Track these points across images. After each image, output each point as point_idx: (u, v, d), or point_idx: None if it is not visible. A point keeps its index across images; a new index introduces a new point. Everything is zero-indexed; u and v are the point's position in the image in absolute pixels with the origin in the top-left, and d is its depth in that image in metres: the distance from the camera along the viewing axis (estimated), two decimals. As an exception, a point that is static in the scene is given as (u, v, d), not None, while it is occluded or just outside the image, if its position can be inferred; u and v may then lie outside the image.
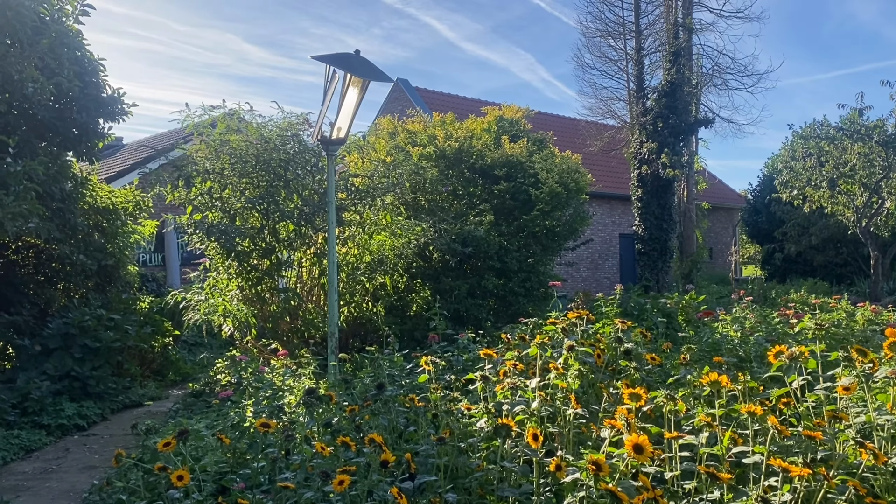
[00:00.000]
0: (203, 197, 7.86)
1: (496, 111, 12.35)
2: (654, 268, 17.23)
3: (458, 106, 19.92)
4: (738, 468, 3.00)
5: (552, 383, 3.48)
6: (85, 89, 7.96)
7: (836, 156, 17.11)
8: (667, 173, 16.71)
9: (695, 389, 3.70)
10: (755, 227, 25.87)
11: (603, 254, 23.39)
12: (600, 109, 19.97)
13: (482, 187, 10.80)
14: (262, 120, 8.20)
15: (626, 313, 8.35)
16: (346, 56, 6.11)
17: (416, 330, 9.12)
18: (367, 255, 8.61)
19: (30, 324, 8.36)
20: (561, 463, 2.75)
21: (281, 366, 6.00)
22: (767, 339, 5.84)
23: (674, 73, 17.00)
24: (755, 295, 12.06)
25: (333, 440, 3.29)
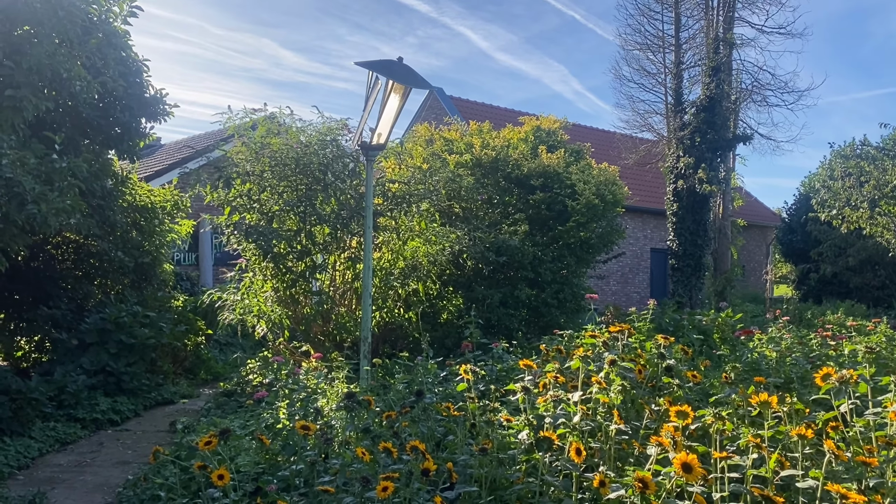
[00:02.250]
0: (242, 198, 7.93)
1: (533, 121, 12.31)
2: (688, 284, 17.02)
3: (492, 115, 19.91)
4: (784, 492, 2.92)
5: (594, 398, 3.43)
6: (129, 89, 8.09)
7: (877, 176, 16.81)
8: (703, 189, 16.53)
9: (738, 409, 3.63)
10: (790, 246, 25.46)
11: (633, 268, 23.19)
12: (637, 122, 19.86)
13: (517, 197, 10.76)
14: (301, 124, 8.26)
15: (661, 329, 8.24)
16: (388, 63, 6.13)
17: (447, 338, 9.09)
18: (401, 260, 8.61)
19: (67, 318, 8.50)
20: (605, 479, 2.71)
21: (314, 368, 6.01)
22: (807, 360, 5.72)
23: (713, 88, 16.83)
24: (790, 315, 11.84)
25: (374, 445, 3.28)
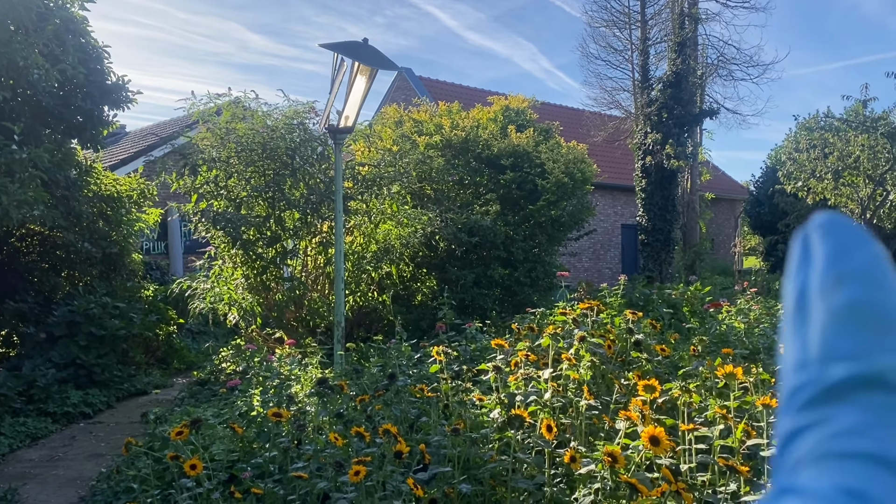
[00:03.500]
0: (208, 185, 7.84)
1: (502, 101, 12.29)
2: (658, 258, 17.20)
3: (462, 95, 19.85)
4: (752, 461, 2.99)
5: (565, 374, 3.47)
6: (89, 76, 7.92)
7: (841, 147, 17.06)
8: (671, 164, 16.65)
9: (706, 381, 3.70)
10: (758, 218, 25.82)
11: (605, 244, 23.37)
12: (605, 100, 19.89)
13: (488, 177, 10.77)
14: (267, 108, 8.16)
15: (631, 304, 8.34)
16: (354, 44, 6.07)
17: (422, 319, 9.11)
18: (373, 244, 8.59)
19: (35, 311, 8.36)
20: (575, 454, 2.75)
21: (287, 355, 5.99)
22: (774, 330, 5.83)
23: (679, 64, 16.91)
24: (759, 286, 12.04)
25: (346, 430, 3.28)
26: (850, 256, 0.35)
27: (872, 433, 0.30)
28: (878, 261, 0.35)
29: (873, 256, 0.36)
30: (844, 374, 0.32)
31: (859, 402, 0.31)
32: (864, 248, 0.36)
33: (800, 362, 0.33)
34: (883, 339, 0.32)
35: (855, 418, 0.31)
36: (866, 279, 0.34)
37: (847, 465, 0.29)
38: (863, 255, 0.36)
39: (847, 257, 0.35)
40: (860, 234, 0.37)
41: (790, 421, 0.32)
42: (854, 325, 0.32)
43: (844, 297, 0.33)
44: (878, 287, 0.34)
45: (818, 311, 0.34)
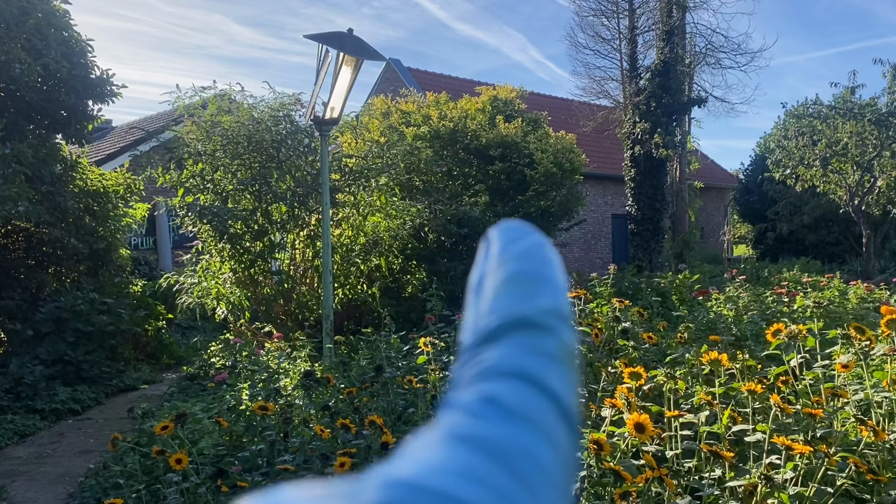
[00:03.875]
0: (195, 179, 7.79)
1: (490, 91, 12.27)
2: (647, 248, 17.24)
3: (451, 86, 19.79)
4: (738, 446, 3.00)
5: (551, 363, 3.46)
6: (73, 70, 7.85)
7: (829, 134, 17.13)
8: (660, 153, 16.67)
9: (693, 368, 3.70)
10: (747, 206, 25.91)
11: (595, 234, 23.41)
12: (593, 90, 19.86)
13: (477, 168, 10.75)
14: (253, 101, 8.11)
15: (621, 293, 8.36)
16: (338, 35, 6.03)
17: (412, 311, 9.11)
18: (362, 236, 8.56)
19: (22, 308, 8.30)
20: (561, 443, 2.75)
21: (276, 348, 5.97)
22: (762, 317, 5.85)
23: (667, 52, 16.91)
24: (748, 274, 12.09)
25: (332, 422, 3.27)
26: (515, 244, 0.43)
27: (513, 358, 0.36)
28: (537, 245, 0.43)
29: (534, 242, 0.44)
30: (497, 322, 0.38)
31: (507, 339, 0.37)
32: (527, 237, 0.44)
33: (470, 326, 0.40)
34: (534, 295, 0.40)
35: (501, 351, 0.37)
36: (525, 257, 0.42)
37: (488, 382, 0.35)
38: (525, 242, 0.44)
39: (512, 245, 0.43)
40: (526, 229, 0.45)
41: (457, 369, 0.38)
42: (511, 288, 0.40)
43: (506, 271, 0.41)
44: (534, 261, 0.42)
45: (488, 287, 0.41)
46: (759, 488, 2.34)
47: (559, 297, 0.40)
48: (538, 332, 0.37)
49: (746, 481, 2.41)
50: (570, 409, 0.35)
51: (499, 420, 0.33)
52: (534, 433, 0.33)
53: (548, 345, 0.37)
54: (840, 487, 2.47)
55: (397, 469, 0.31)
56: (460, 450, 0.31)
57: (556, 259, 0.43)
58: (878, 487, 2.52)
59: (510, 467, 0.30)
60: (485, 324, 0.39)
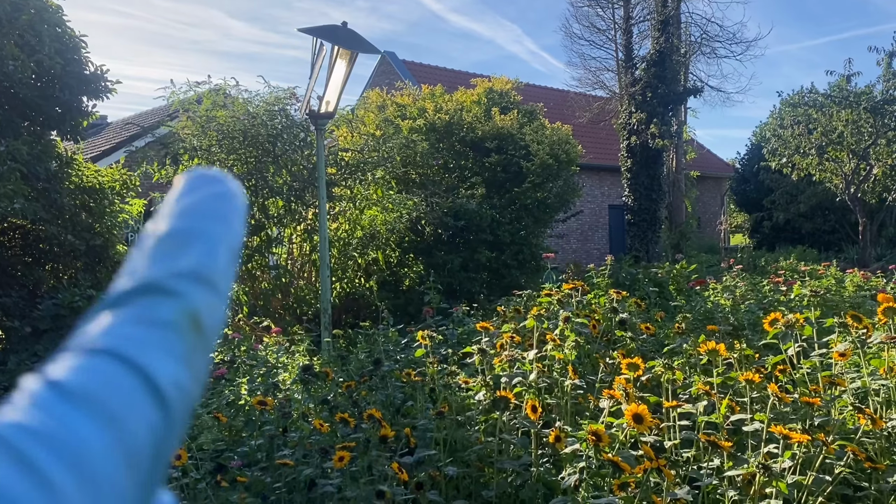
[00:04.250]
0: (191, 174, 7.77)
1: (486, 83, 12.25)
2: (644, 238, 17.26)
3: (447, 78, 19.75)
4: (736, 436, 3.01)
5: (549, 355, 3.47)
6: (67, 66, 7.81)
7: (824, 123, 17.14)
8: (656, 143, 16.68)
9: (690, 358, 3.71)
10: (743, 195, 25.94)
11: (592, 225, 23.42)
12: (589, 80, 19.87)
13: (473, 160, 10.74)
14: (248, 95, 8.09)
15: (618, 284, 8.36)
16: (333, 28, 6.01)
17: (410, 305, 9.11)
18: (359, 230, 8.56)
19: (19, 305, 8.28)
20: (560, 434, 2.76)
21: (274, 343, 5.98)
22: (759, 306, 5.87)
23: (662, 42, 16.89)
24: (745, 263, 12.11)
25: (331, 416, 3.28)
26: (188, 196, 0.38)
27: (112, 331, 0.33)
28: (211, 198, 0.39)
29: (209, 195, 0.39)
30: (124, 288, 0.35)
31: (125, 308, 0.34)
32: (203, 189, 0.39)
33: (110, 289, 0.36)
34: (177, 256, 0.35)
35: (109, 321, 0.33)
36: (188, 213, 0.38)
37: (73, 359, 0.32)
38: (199, 194, 0.39)
39: (185, 197, 0.38)
40: (211, 179, 0.40)
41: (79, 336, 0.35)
42: (157, 248, 0.36)
43: (163, 227, 0.37)
44: (195, 218, 0.37)
45: (143, 245, 0.37)
46: (758, 477, 2.35)
47: (208, 258, 0.36)
48: (159, 299, 0.34)
49: (745, 470, 2.42)
50: (162, 384, 0.31)
51: (46, 406, 0.30)
52: (86, 416, 0.29)
53: (164, 313, 0.33)
54: (838, 475, 2.48)
55: None
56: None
57: (233, 214, 0.39)
58: (875, 475, 2.54)
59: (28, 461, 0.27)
60: (116, 288, 0.35)
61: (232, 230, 0.38)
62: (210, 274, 0.36)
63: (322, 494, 2.67)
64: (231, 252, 0.38)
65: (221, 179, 0.40)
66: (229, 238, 0.38)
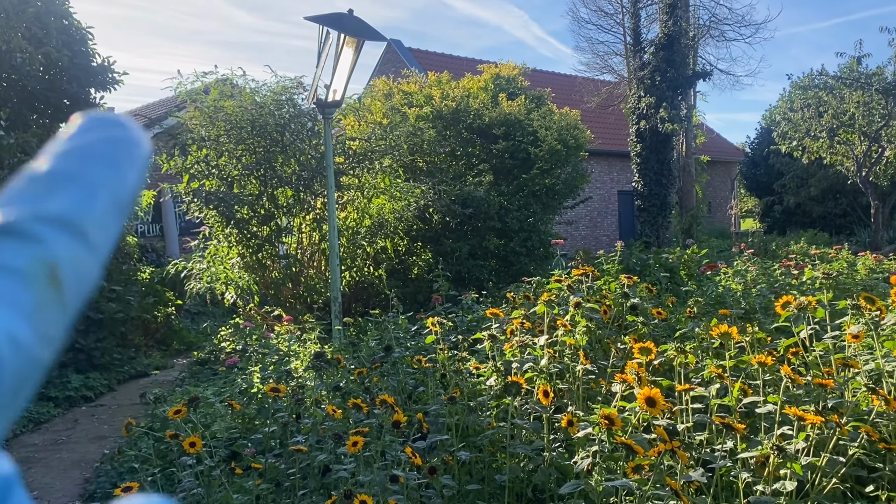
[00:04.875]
0: (199, 165, 7.79)
1: (493, 69, 12.18)
2: (654, 223, 17.19)
3: (453, 65, 19.67)
4: (749, 418, 3.00)
5: (560, 340, 3.47)
6: (74, 59, 7.83)
7: (835, 105, 16.98)
8: (665, 128, 16.57)
9: (703, 342, 3.70)
10: (754, 179, 25.78)
11: (602, 211, 23.34)
12: (597, 65, 19.73)
13: (481, 147, 10.71)
14: (255, 85, 8.08)
15: (629, 269, 8.34)
16: (339, 16, 5.98)
17: (419, 293, 9.12)
18: (367, 219, 8.56)
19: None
20: (573, 418, 2.76)
21: (286, 331, 6.00)
22: (770, 290, 5.83)
23: (671, 26, 16.75)
24: (756, 247, 12.05)
25: (344, 403, 3.29)
26: (79, 137, 0.35)
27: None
28: (99, 142, 0.36)
29: (100, 138, 0.36)
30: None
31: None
32: (96, 132, 0.36)
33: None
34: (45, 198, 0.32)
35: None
36: (71, 155, 0.35)
37: None
38: (89, 136, 0.36)
39: (76, 138, 0.35)
40: (108, 123, 0.37)
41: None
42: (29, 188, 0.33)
43: (42, 166, 0.34)
44: (76, 161, 0.34)
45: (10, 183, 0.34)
46: (772, 459, 2.35)
47: (82, 204, 0.32)
48: (13, 243, 0.31)
49: (758, 452, 2.41)
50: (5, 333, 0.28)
51: None
52: None
53: (15, 259, 0.30)
54: (852, 457, 2.47)
55: None
56: None
57: (126, 161, 0.35)
58: (890, 456, 2.53)
59: None
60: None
61: (121, 178, 0.35)
62: (81, 221, 0.33)
63: (336, 479, 2.68)
64: (115, 202, 0.34)
65: (121, 124, 0.37)
66: (115, 186, 0.34)
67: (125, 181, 0.35)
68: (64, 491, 4.69)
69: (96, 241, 0.33)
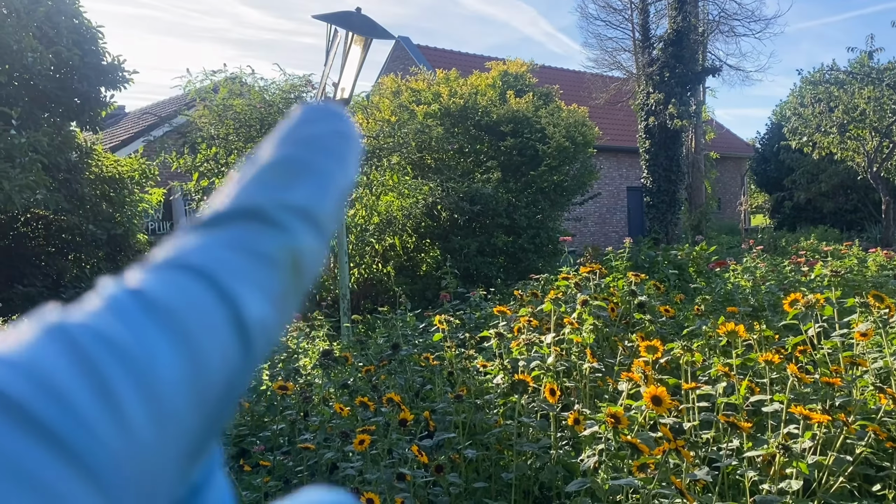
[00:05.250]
0: (209, 163, 7.83)
1: (500, 66, 12.18)
2: (664, 220, 17.14)
3: (461, 62, 19.65)
4: (756, 417, 3.00)
5: (567, 338, 3.48)
6: (84, 57, 7.88)
7: (846, 100, 16.87)
8: (674, 124, 16.51)
9: (710, 340, 3.70)
10: (764, 175, 25.65)
11: (611, 208, 23.29)
12: (606, 61, 19.67)
13: (488, 144, 10.71)
14: (264, 83, 8.12)
15: (637, 266, 8.33)
16: (347, 14, 6.00)
17: (427, 289, 9.14)
18: (375, 216, 8.58)
19: (44, 295, 8.41)
20: (579, 417, 2.77)
21: (294, 329, 6.03)
22: (780, 287, 5.82)
23: (680, 21, 16.68)
24: (765, 244, 12.00)
25: (351, 401, 3.31)
26: (305, 126, 0.36)
27: (206, 250, 0.29)
28: (331, 134, 0.36)
29: (329, 130, 0.36)
30: (226, 207, 0.31)
31: (223, 228, 0.30)
32: (323, 123, 0.36)
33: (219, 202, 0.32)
34: (287, 186, 0.32)
35: (204, 240, 0.30)
36: (304, 143, 0.35)
37: (158, 271, 0.28)
38: (318, 127, 0.36)
39: (302, 127, 0.35)
40: (332, 114, 0.37)
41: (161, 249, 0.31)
42: (267, 174, 0.33)
43: (275, 154, 0.34)
44: (311, 150, 0.34)
45: (250, 169, 0.33)
46: (778, 458, 2.35)
47: (319, 196, 0.33)
48: (261, 228, 0.30)
49: (764, 451, 2.41)
50: (250, 321, 0.28)
51: (124, 314, 0.26)
52: (165, 335, 0.26)
53: (264, 243, 0.30)
54: (859, 455, 2.47)
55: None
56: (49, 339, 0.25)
57: (350, 156, 0.36)
58: (897, 455, 2.52)
59: (95, 368, 0.24)
60: (217, 206, 0.32)
61: (346, 172, 0.35)
62: (319, 213, 0.33)
63: (343, 477, 2.70)
64: (342, 196, 0.35)
65: (344, 118, 0.37)
66: (343, 180, 0.35)
67: (349, 175, 0.35)
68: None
69: (327, 233, 0.33)
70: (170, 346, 0.26)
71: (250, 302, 0.28)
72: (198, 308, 0.27)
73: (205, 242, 0.30)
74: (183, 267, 0.28)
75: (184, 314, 0.27)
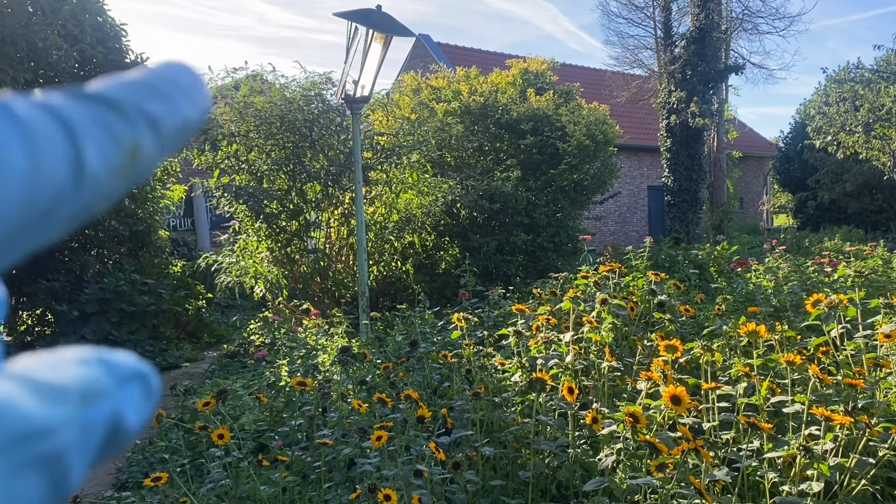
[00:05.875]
0: (230, 160, 7.88)
1: (521, 64, 12.14)
2: (685, 219, 17.01)
3: (482, 60, 19.61)
4: (776, 418, 2.97)
5: (586, 337, 3.46)
6: (108, 55, 7.96)
7: (872, 99, 16.64)
8: (696, 122, 16.37)
9: (731, 340, 3.66)
10: (787, 175, 25.36)
11: (631, 207, 23.15)
12: (627, 59, 19.55)
13: (508, 142, 10.68)
14: (284, 80, 8.15)
15: (657, 266, 8.26)
16: (367, 11, 6.01)
17: (446, 287, 9.14)
18: (395, 213, 8.60)
19: (67, 290, 8.53)
20: (597, 415, 2.75)
21: (313, 325, 6.06)
22: (802, 288, 5.75)
23: (702, 19, 16.53)
24: (788, 244, 11.86)
25: (369, 397, 3.32)
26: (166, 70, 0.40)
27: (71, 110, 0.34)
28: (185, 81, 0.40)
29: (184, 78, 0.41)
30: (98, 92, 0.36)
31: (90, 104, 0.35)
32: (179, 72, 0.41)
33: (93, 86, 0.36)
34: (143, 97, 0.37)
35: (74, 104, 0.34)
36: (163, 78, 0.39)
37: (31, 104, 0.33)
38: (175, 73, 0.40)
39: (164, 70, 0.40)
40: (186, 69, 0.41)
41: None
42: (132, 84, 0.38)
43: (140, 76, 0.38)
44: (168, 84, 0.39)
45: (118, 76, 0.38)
46: (799, 459, 2.32)
47: (167, 115, 0.38)
48: (118, 117, 0.35)
49: (785, 452, 2.39)
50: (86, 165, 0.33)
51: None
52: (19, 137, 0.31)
53: (115, 126, 0.35)
54: (882, 458, 2.43)
55: None
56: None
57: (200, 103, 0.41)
58: (921, 458, 2.49)
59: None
60: (90, 88, 0.36)
61: (193, 114, 0.40)
62: (162, 128, 0.38)
63: (361, 473, 2.71)
64: (183, 128, 0.40)
65: (198, 75, 0.42)
66: (188, 118, 0.40)
67: (194, 118, 0.41)
68: (97, 480, 4.80)
69: (164, 152, 0.39)
70: (21, 146, 0.30)
71: (90, 154, 0.34)
72: (50, 137, 0.32)
73: (72, 104, 0.35)
74: (48, 108, 0.33)
75: (38, 134, 0.32)
